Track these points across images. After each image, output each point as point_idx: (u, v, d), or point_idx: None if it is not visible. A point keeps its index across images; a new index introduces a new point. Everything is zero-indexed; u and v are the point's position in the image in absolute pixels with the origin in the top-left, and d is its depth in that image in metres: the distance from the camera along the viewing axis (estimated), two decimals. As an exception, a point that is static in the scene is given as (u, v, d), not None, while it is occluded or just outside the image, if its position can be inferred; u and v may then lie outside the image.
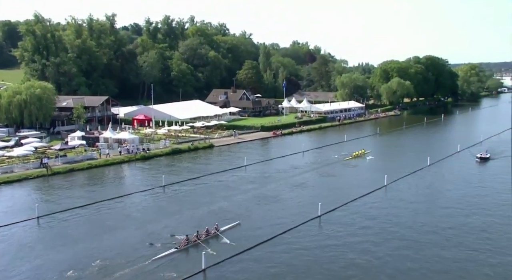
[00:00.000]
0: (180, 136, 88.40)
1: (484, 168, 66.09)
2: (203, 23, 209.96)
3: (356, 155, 73.94)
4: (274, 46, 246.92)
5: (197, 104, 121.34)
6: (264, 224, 41.69)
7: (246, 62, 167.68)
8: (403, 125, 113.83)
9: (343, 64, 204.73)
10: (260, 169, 65.72)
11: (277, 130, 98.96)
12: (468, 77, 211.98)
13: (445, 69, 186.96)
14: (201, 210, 45.52)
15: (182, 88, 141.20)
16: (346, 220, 43.16)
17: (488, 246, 36.80)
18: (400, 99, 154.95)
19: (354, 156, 73.46)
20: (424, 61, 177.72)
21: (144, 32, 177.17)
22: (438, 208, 46.81)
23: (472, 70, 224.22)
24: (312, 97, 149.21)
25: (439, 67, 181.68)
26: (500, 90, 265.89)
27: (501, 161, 70.06)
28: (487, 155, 71.39)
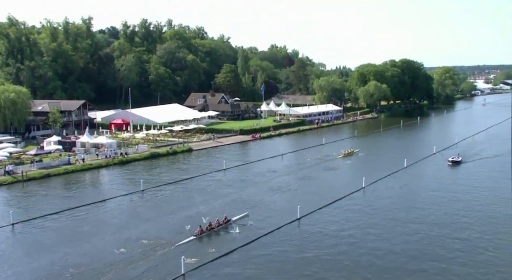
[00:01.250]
0: (159, 140, 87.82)
1: (456, 171, 66.67)
2: (181, 26, 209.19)
3: (347, 154, 77.31)
4: (253, 49, 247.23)
5: (175, 108, 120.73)
6: (244, 227, 41.70)
7: (225, 66, 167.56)
8: (380, 128, 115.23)
9: (321, 68, 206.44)
10: (239, 172, 65.70)
11: (256, 133, 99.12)
12: (442, 80, 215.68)
13: (420, 72, 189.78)
14: (179, 215, 45.19)
15: (160, 92, 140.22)
16: (325, 222, 43.42)
17: (459, 245, 37.64)
18: (377, 102, 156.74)
19: (345, 155, 76.86)
20: (400, 65, 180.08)
21: (121, 36, 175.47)
22: (413, 210, 47.31)
23: (446, 73, 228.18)
24: (291, 100, 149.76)
25: (415, 70, 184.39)
26: (473, 92, 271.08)
27: (472, 164, 70.94)
28: (459, 159, 71.76)
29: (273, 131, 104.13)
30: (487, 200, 50.83)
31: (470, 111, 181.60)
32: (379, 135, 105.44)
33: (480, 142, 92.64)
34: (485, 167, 68.15)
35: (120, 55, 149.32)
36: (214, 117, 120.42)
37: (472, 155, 77.20)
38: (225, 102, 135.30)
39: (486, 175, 63.11)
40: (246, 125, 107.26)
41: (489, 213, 45.92)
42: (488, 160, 73.41)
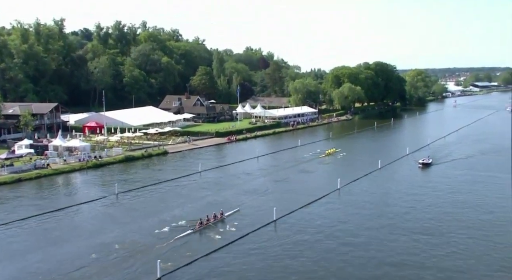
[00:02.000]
0: (133, 143, 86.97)
1: (426, 174, 67.33)
2: (156, 28, 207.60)
3: (329, 153, 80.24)
4: (228, 52, 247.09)
5: (150, 111, 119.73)
6: (221, 230, 41.66)
7: (200, 68, 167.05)
8: (355, 129, 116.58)
9: (296, 70, 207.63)
10: (215, 175, 65.60)
11: (232, 135, 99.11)
12: (415, 83, 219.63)
13: (393, 75, 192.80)
14: (154, 218, 44.79)
15: (134, 94, 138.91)
16: (301, 223, 43.74)
17: (424, 246, 38.40)
18: (352, 104, 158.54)
19: (327, 154, 79.83)
20: (374, 67, 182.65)
21: (94, 37, 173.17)
22: (385, 214, 47.71)
23: (418, 75, 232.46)
24: (266, 103, 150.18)
25: (388, 73, 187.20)
26: (444, 94, 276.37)
27: (442, 166, 71.78)
28: (429, 161, 72.38)
29: (247, 134, 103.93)
30: (453, 203, 51.42)
31: (441, 112, 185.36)
32: (353, 136, 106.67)
33: (451, 143, 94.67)
34: (454, 169, 69.18)
35: (94, 57, 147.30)
36: (190, 120, 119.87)
37: (443, 157, 78.51)
38: (200, 105, 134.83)
39: (455, 177, 63.81)
40: (221, 127, 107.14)
41: (455, 217, 46.29)
42: (458, 162, 74.65)
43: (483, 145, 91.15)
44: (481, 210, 48.31)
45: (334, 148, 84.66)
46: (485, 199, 52.57)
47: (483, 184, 59.68)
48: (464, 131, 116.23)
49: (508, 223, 44.35)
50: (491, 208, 48.80)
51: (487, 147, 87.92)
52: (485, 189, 56.85)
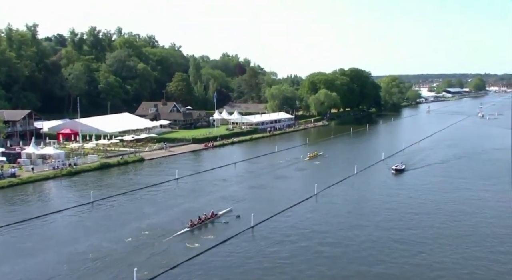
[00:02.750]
0: (109, 150, 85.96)
1: (399, 180, 67.25)
2: (131, 34, 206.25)
3: (312, 156, 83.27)
4: (204, 58, 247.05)
5: (126, 117, 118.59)
6: (197, 237, 41.45)
7: (176, 74, 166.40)
8: (331, 135, 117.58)
9: (273, 76, 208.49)
10: (192, 182, 65.29)
11: (209, 142, 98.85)
12: (389, 89, 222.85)
13: (368, 81, 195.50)
14: (129, 226, 44.23)
15: (110, 100, 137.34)
16: (279, 229, 43.85)
17: (399, 251, 38.98)
18: (328, 110, 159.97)
19: (310, 157, 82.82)
20: (349, 73, 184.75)
21: (68, 43, 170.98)
22: (361, 219, 48.19)
23: (393, 82, 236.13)
24: (243, 109, 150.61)
25: (363, 79, 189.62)
26: (418, 100, 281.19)
27: (415, 172, 71.90)
28: (402, 167, 72.31)
29: (222, 140, 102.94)
30: (425, 208, 51.59)
31: (415, 118, 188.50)
32: (330, 142, 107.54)
33: (425, 148, 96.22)
34: (427, 175, 69.52)
35: (68, 63, 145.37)
36: (166, 126, 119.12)
37: (416, 162, 79.21)
38: (177, 111, 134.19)
39: (427, 183, 63.66)
40: (198, 134, 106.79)
41: (427, 222, 46.46)
42: (431, 167, 75.35)
43: (455, 150, 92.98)
44: (451, 215, 49.11)
45: (316, 152, 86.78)
46: (456, 203, 53.42)
47: (454, 189, 60.46)
48: (438, 136, 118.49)
49: (481, 226, 45.31)
50: (460, 214, 49.34)
51: (459, 152, 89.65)
52: (456, 195, 57.60)
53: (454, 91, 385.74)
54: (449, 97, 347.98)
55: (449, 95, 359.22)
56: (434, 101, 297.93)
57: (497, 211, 50.42)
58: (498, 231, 43.70)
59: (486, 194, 57.87)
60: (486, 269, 35.15)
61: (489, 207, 52.08)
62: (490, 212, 49.94)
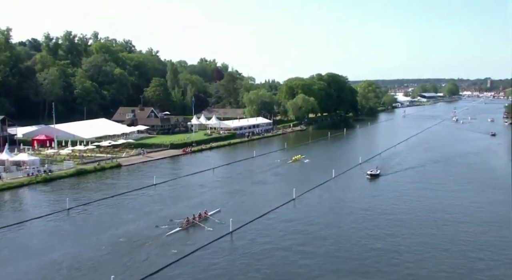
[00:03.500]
0: (86, 156, 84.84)
1: (373, 185, 67.14)
2: (108, 39, 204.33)
3: (295, 159, 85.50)
4: (182, 63, 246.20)
5: (103, 123, 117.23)
6: (177, 242, 41.21)
7: (154, 79, 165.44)
8: (309, 140, 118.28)
9: (251, 81, 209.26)
10: (170, 187, 64.83)
11: (187, 147, 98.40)
12: (366, 93, 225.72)
13: (345, 86, 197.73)
14: (106, 234, 43.71)
15: (86, 106, 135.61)
16: (257, 234, 43.91)
17: (375, 256, 39.47)
18: (305, 115, 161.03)
19: (293, 160, 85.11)
20: (326, 78, 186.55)
21: (43, 48, 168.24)
22: (338, 224, 48.34)
23: (369, 86, 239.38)
24: (221, 114, 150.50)
25: (340, 84, 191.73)
26: (394, 105, 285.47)
27: (390, 177, 71.50)
28: (377, 172, 72.16)
29: (199, 145, 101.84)
30: (398, 212, 52.11)
31: (392, 122, 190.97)
32: (308, 146, 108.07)
33: (401, 152, 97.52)
34: (402, 179, 69.39)
35: (43, 68, 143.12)
36: (144, 132, 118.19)
37: (392, 166, 79.88)
38: (154, 116, 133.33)
39: (401, 188, 63.64)
40: (176, 139, 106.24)
41: (402, 226, 46.99)
42: (406, 172, 75.51)
43: (430, 154, 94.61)
44: (425, 220, 49.93)
45: (300, 155, 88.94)
46: (430, 208, 53.93)
47: (428, 193, 60.90)
48: (413, 140, 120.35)
49: (452, 230, 46.17)
50: (429, 221, 49.26)
51: (435, 156, 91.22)
52: (430, 198, 58.07)
53: (429, 96, 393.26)
54: (424, 101, 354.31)
55: (424, 99, 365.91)
56: (409, 106, 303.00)
57: (467, 213, 51.61)
58: (466, 232, 44.74)
59: (459, 197, 59.12)
60: (452, 266, 36.22)
61: (461, 210, 53.20)
62: (461, 214, 51.09)
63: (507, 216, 50.29)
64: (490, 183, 67.39)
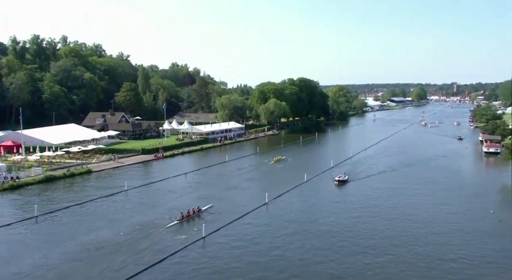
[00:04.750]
0: (54, 162, 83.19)
1: (341, 191, 65.76)
2: (77, 43, 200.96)
3: (277, 160, 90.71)
4: (153, 67, 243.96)
5: (72, 128, 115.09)
6: (146, 250, 40.79)
7: (125, 84, 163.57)
8: (281, 144, 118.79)
9: (223, 86, 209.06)
10: (142, 193, 64.18)
11: (159, 152, 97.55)
12: (337, 98, 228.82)
13: (316, 90, 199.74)
14: (75, 242, 42.90)
15: (55, 111, 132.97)
16: (229, 239, 43.94)
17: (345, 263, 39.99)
18: (278, 119, 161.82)
19: (275, 161, 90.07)
20: (298, 83, 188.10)
21: (10, 52, 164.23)
22: (309, 230, 48.70)
23: (340, 91, 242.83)
24: (193, 119, 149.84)
25: (311, 88, 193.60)
26: (364, 109, 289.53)
27: (358, 183, 70.54)
28: (345, 178, 71.00)
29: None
30: (365, 218, 51.93)
31: (362, 126, 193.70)
32: (280, 151, 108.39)
33: (371, 156, 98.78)
34: (370, 185, 68.43)
35: (9, 72, 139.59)
36: (115, 137, 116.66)
37: (361, 171, 79.88)
38: (125, 121, 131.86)
39: (369, 194, 62.71)
40: (148, 144, 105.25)
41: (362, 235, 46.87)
42: (375, 177, 74.85)
43: (399, 157, 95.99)
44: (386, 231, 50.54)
45: (280, 156, 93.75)
46: (396, 214, 54.24)
47: (396, 199, 60.45)
48: (383, 143, 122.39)
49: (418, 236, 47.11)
50: (394, 230, 48.31)
51: (403, 160, 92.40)
52: (397, 205, 57.82)
53: (398, 100, 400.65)
54: (394, 106, 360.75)
55: (394, 104, 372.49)
56: (379, 110, 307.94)
57: (430, 217, 52.82)
58: (428, 235, 45.78)
59: (425, 200, 60.45)
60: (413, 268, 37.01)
61: (425, 213, 54.35)
62: (425, 217, 52.22)
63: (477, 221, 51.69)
64: (452, 185, 69.15)
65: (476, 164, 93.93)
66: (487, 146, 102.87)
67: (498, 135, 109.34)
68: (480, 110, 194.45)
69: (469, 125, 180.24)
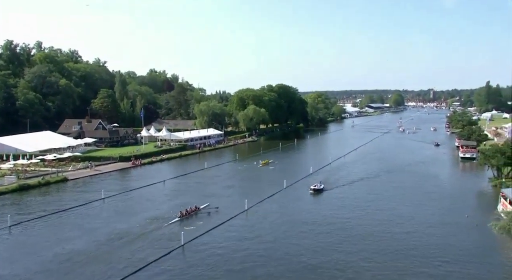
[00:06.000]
0: (29, 170, 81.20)
1: (316, 200, 63.78)
2: (52, 49, 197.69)
3: (264, 163, 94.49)
4: (131, 74, 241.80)
5: (47, 136, 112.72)
6: (124, 260, 39.81)
7: (101, 91, 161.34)
8: (261, 150, 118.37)
9: (201, 92, 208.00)
10: (119, 202, 63.00)
11: (137, 160, 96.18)
12: (316, 104, 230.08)
13: (295, 97, 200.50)
14: (50, 252, 41.64)
15: (30, 118, 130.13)
16: (209, 246, 43.33)
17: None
18: (257, 126, 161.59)
19: (263, 164, 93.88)
20: (277, 89, 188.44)
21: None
22: (285, 241, 47.65)
23: (319, 97, 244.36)
24: (172, 126, 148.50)
25: (290, 95, 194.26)
26: (343, 115, 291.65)
27: (334, 192, 68.33)
28: (320, 187, 68.80)
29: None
30: (338, 228, 50.10)
31: (341, 132, 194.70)
32: (260, 157, 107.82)
33: (349, 163, 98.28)
34: (345, 196, 65.68)
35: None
36: (91, 144, 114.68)
37: (338, 178, 78.42)
38: (102, 128, 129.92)
39: (342, 209, 58.79)
40: (126, 151, 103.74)
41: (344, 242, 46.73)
42: (351, 186, 72.62)
43: (377, 163, 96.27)
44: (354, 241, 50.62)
45: (267, 159, 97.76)
46: (367, 225, 52.24)
47: (369, 211, 57.48)
48: (362, 149, 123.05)
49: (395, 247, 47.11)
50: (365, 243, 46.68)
51: (380, 166, 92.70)
52: (369, 219, 54.66)
53: (376, 107, 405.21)
54: (372, 112, 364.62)
55: (372, 110, 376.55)
56: (358, 116, 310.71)
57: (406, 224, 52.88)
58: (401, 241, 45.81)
59: (402, 208, 60.48)
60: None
61: (400, 220, 54.48)
62: (400, 225, 52.28)
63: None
64: (429, 190, 69.60)
65: (452, 170, 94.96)
66: (463, 152, 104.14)
67: (474, 141, 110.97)
68: (456, 116, 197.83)
69: (445, 131, 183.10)
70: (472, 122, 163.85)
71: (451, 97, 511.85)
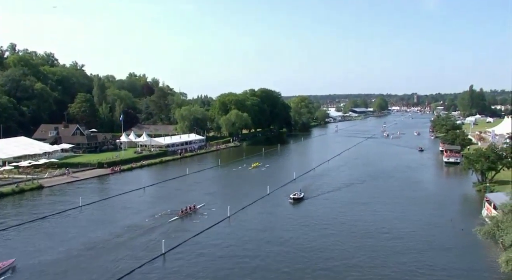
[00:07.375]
0: (2, 177, 77.85)
1: (296, 210, 59.85)
2: (27, 52, 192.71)
3: (254, 166, 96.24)
4: (110, 78, 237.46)
5: (22, 141, 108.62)
6: (101, 270, 37.50)
7: (79, 95, 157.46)
8: (243, 156, 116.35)
9: (182, 97, 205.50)
10: (97, 209, 60.41)
11: (116, 166, 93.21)
12: (299, 109, 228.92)
13: (278, 101, 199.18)
14: (18, 266, 39.01)
15: (3, 124, 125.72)
16: (191, 254, 41.60)
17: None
18: (239, 130, 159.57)
19: (253, 167, 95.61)
20: (260, 94, 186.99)
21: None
22: (268, 249, 45.40)
23: (302, 102, 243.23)
24: (152, 131, 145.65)
25: (273, 99, 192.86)
26: (327, 120, 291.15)
27: (314, 201, 64.92)
28: (300, 195, 65.61)
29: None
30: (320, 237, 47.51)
31: (325, 137, 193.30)
32: (243, 162, 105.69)
33: (332, 168, 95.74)
34: (325, 205, 62.49)
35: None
36: (69, 150, 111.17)
37: (321, 185, 75.94)
38: (80, 134, 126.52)
39: (324, 213, 57.64)
40: (104, 157, 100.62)
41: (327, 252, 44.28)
42: (333, 193, 69.46)
43: (360, 169, 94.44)
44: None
45: (258, 162, 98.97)
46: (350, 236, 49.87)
47: (349, 218, 55.34)
48: (346, 154, 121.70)
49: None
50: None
51: (364, 171, 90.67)
52: (349, 223, 52.91)
53: (359, 111, 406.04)
54: (355, 116, 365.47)
55: (355, 114, 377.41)
56: (341, 121, 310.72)
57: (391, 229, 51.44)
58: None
59: (385, 214, 58.89)
60: None
61: (382, 228, 53.04)
62: (382, 232, 50.89)
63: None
64: (413, 195, 68.28)
65: (437, 174, 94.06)
66: (447, 156, 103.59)
67: (458, 145, 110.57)
68: (440, 120, 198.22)
69: (429, 136, 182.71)
70: (456, 127, 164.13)
71: (435, 101, 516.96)
